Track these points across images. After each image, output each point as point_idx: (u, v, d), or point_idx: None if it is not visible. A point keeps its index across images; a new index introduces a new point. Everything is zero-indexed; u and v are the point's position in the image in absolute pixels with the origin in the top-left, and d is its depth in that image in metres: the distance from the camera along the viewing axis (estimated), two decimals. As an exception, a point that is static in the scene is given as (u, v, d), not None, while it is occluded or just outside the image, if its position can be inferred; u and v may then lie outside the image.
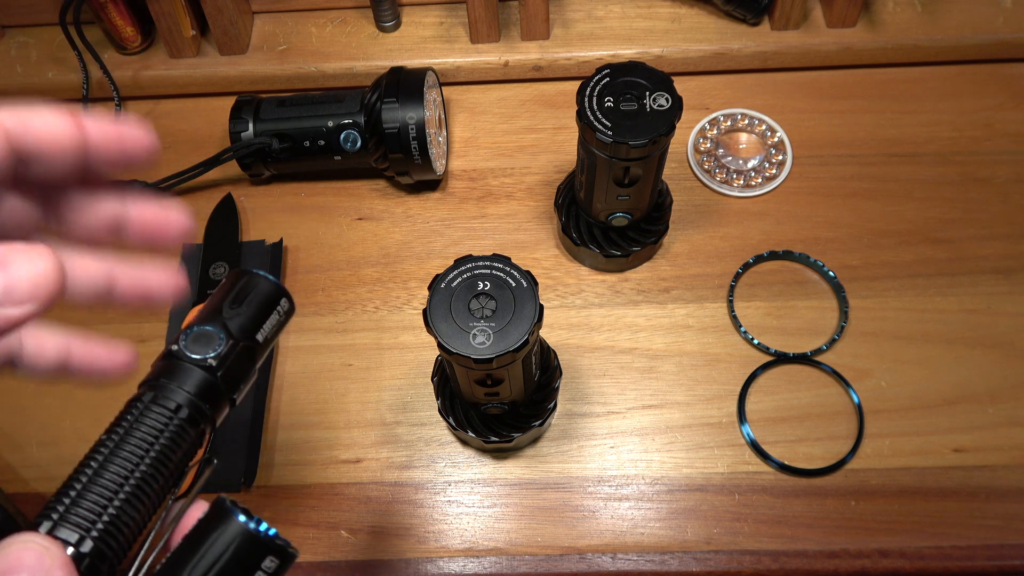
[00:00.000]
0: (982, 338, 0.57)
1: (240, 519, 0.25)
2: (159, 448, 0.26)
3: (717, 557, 0.51)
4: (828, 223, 0.62)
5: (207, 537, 0.25)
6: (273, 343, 0.30)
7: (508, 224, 0.63)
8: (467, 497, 0.53)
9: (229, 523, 0.25)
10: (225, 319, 0.29)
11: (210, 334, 0.28)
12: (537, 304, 0.43)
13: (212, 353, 0.28)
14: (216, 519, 0.26)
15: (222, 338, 0.28)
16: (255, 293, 0.30)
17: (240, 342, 0.28)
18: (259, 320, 0.29)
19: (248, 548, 0.25)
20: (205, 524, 0.26)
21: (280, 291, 0.30)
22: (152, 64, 0.69)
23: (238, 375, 0.28)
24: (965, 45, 0.67)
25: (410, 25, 0.70)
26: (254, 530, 0.25)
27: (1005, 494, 0.52)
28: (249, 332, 0.29)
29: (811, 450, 0.54)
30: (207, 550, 0.25)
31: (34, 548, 0.23)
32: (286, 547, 0.26)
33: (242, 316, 0.29)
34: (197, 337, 0.28)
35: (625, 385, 0.56)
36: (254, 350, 0.29)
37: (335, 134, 0.61)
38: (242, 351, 0.28)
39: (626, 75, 0.51)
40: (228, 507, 0.26)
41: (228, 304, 0.29)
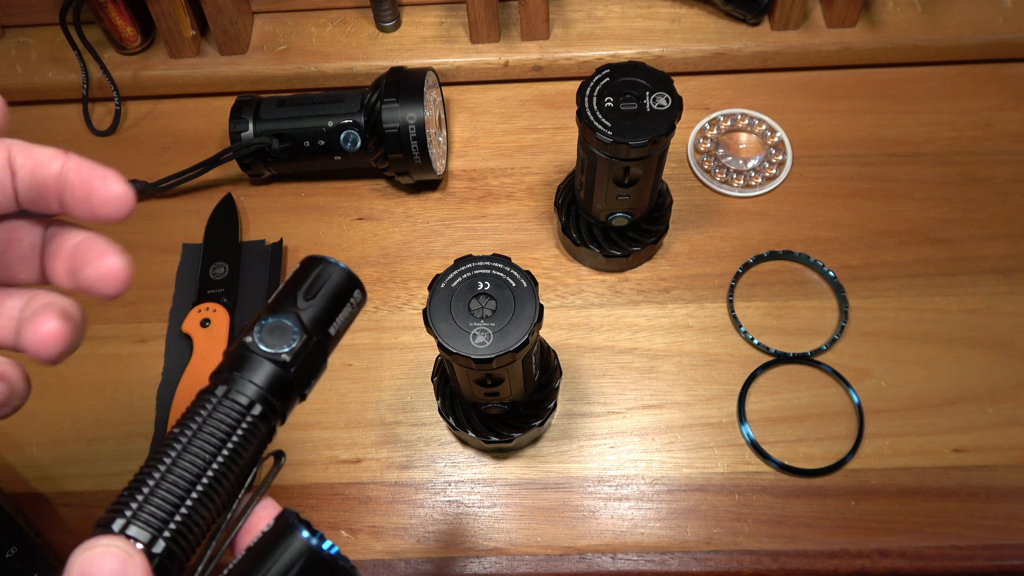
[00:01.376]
0: (982, 338, 0.57)
1: (304, 535, 0.25)
2: (232, 445, 0.26)
3: (717, 557, 0.51)
4: (828, 223, 0.62)
5: (272, 553, 0.25)
6: (343, 336, 0.29)
7: (508, 224, 0.63)
8: (467, 497, 0.53)
9: (293, 539, 0.25)
10: (299, 310, 0.28)
11: (285, 327, 0.27)
12: (537, 304, 0.43)
13: (286, 348, 0.27)
14: (280, 534, 0.25)
15: (296, 331, 0.27)
16: (329, 284, 0.28)
17: (314, 336, 0.28)
18: (333, 312, 0.28)
19: (312, 568, 0.25)
20: (269, 538, 0.25)
21: (354, 282, 0.29)
22: (152, 64, 0.69)
23: (310, 370, 0.28)
24: (965, 45, 0.67)
25: (410, 25, 0.70)
26: (317, 547, 0.25)
27: (1005, 494, 0.52)
28: (323, 325, 0.28)
29: (811, 450, 0.54)
30: (271, 566, 0.25)
31: (115, 553, 0.23)
32: (348, 568, 0.25)
33: (316, 308, 0.28)
34: (272, 329, 0.27)
35: (625, 385, 0.56)
36: (326, 344, 0.28)
37: (335, 134, 0.61)
38: (315, 345, 0.28)
39: (626, 75, 0.51)
40: (292, 522, 0.25)
41: (303, 294, 0.28)
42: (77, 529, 0.54)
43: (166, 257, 0.63)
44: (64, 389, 0.58)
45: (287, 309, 0.28)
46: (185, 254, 0.62)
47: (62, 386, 0.58)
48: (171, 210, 0.65)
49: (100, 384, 0.58)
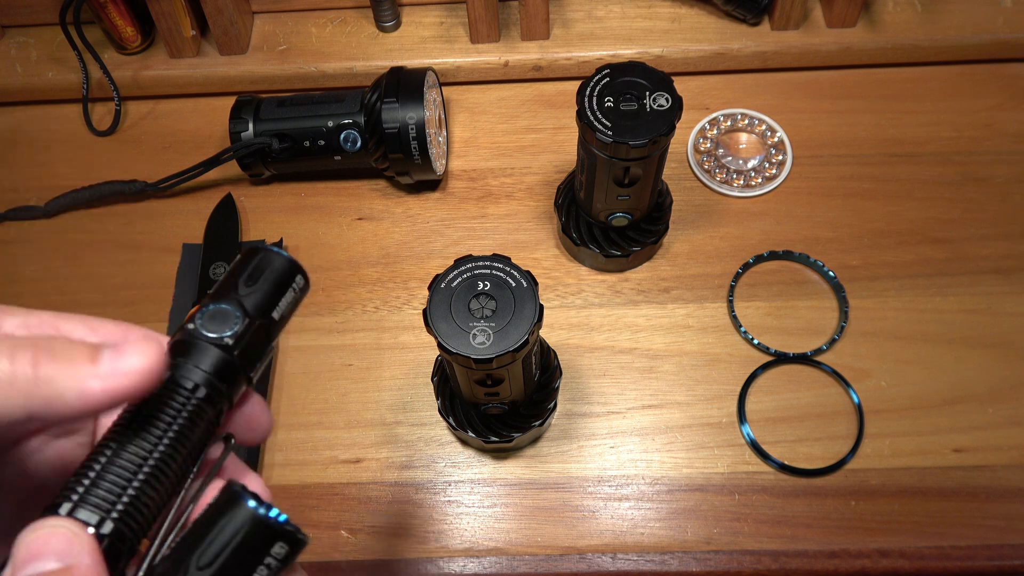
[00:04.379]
0: (982, 338, 0.57)
1: (250, 504, 0.25)
2: (177, 428, 0.26)
3: (717, 557, 0.51)
4: (828, 223, 0.62)
5: (216, 522, 0.25)
6: (288, 320, 0.30)
7: (508, 224, 0.63)
8: (467, 497, 0.53)
9: (238, 508, 0.25)
10: (240, 297, 0.28)
11: (226, 312, 0.28)
12: (537, 304, 0.43)
13: (228, 332, 0.27)
14: (226, 504, 0.25)
15: (238, 316, 0.28)
16: (270, 270, 0.29)
17: (256, 320, 0.28)
18: (275, 298, 0.29)
19: (257, 533, 0.25)
20: (215, 508, 0.25)
21: (295, 268, 0.30)
22: (152, 64, 0.69)
23: (255, 353, 0.28)
24: (965, 45, 0.67)
25: (410, 25, 0.70)
26: (263, 515, 0.25)
27: (1005, 494, 0.52)
28: (265, 310, 0.28)
29: (811, 450, 0.54)
30: (216, 535, 0.25)
31: (62, 532, 0.23)
32: (295, 533, 0.25)
33: (258, 293, 0.28)
34: (213, 316, 0.28)
35: (625, 385, 0.56)
36: (270, 328, 0.29)
37: (335, 134, 0.61)
38: (258, 329, 0.28)
39: (626, 75, 0.51)
40: (238, 491, 0.25)
41: (243, 281, 0.28)
42: (77, 529, 0.54)
43: (166, 257, 0.63)
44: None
45: (229, 296, 0.28)
46: (185, 254, 0.63)
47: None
48: (171, 210, 0.65)
49: (100, 384, 0.58)
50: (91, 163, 0.68)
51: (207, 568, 0.24)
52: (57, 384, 0.23)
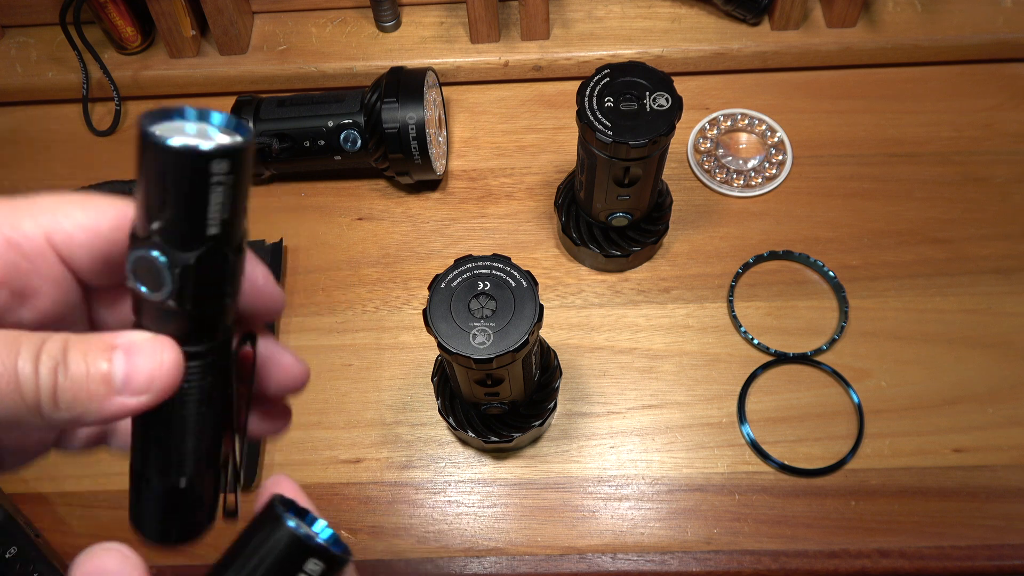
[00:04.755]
0: (982, 338, 0.57)
1: (287, 522, 0.25)
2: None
3: (717, 557, 0.51)
4: (828, 223, 0.62)
5: (252, 536, 0.25)
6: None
7: (508, 224, 0.63)
8: (467, 497, 0.53)
9: (275, 524, 0.25)
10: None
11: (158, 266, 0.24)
12: (537, 304, 0.43)
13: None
14: (265, 517, 0.25)
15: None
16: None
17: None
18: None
19: (295, 552, 0.25)
20: (257, 523, 0.25)
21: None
22: (152, 64, 0.69)
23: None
24: (965, 45, 0.67)
25: (410, 25, 0.70)
26: (296, 530, 0.25)
27: (1005, 494, 0.52)
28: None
29: (811, 450, 0.54)
30: (254, 550, 0.25)
31: (115, 554, 0.24)
32: (330, 551, 0.25)
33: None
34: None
35: (625, 385, 0.56)
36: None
37: (335, 134, 0.61)
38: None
39: (626, 75, 0.51)
40: (279, 512, 0.25)
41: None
42: (77, 529, 0.54)
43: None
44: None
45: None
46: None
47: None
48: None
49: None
50: (91, 163, 0.68)
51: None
52: (77, 412, 0.24)
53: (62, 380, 0.23)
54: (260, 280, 0.27)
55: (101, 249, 0.25)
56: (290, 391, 0.29)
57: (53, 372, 0.23)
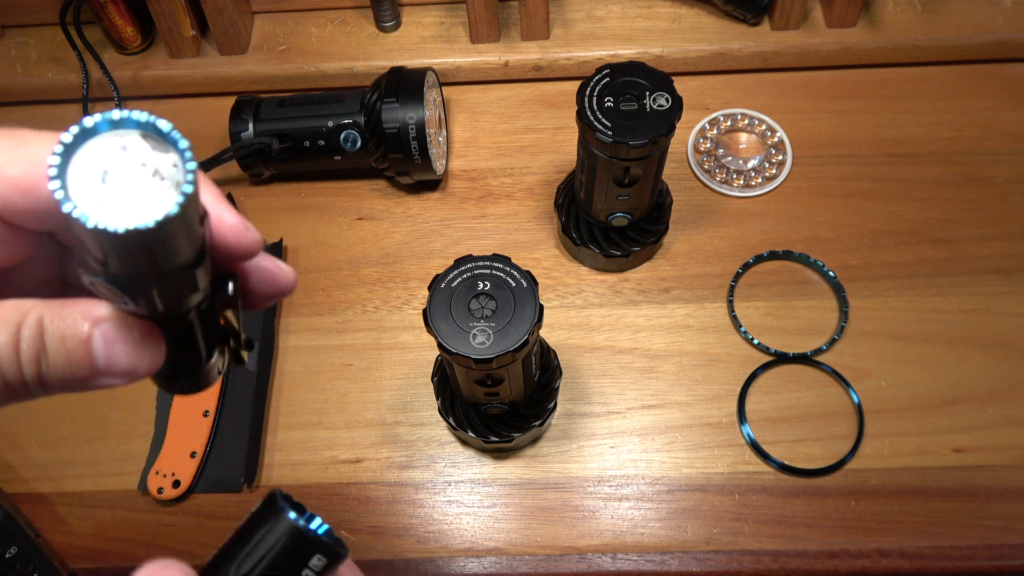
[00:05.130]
0: (982, 338, 0.57)
1: (290, 516, 0.25)
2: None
3: (717, 557, 0.51)
4: (828, 223, 0.62)
5: (257, 531, 0.25)
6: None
7: (508, 224, 0.63)
8: (467, 497, 0.53)
9: (279, 519, 0.25)
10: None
11: None
12: (537, 304, 0.43)
13: None
14: (267, 514, 0.25)
15: None
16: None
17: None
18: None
19: (296, 545, 0.25)
20: (256, 518, 0.25)
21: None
22: (152, 64, 0.69)
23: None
24: (965, 45, 0.67)
25: (410, 25, 0.70)
26: (303, 528, 0.25)
27: (1005, 494, 0.52)
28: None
29: (811, 450, 0.54)
30: (256, 544, 0.25)
31: (175, 569, 0.24)
32: (335, 546, 0.25)
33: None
34: None
35: (625, 385, 0.56)
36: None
37: (335, 134, 0.61)
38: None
39: (626, 75, 0.51)
40: (280, 504, 0.25)
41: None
42: (77, 529, 0.54)
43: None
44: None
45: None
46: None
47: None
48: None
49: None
50: (91, 163, 0.68)
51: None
52: (62, 391, 0.24)
53: (45, 368, 0.23)
54: (228, 223, 0.25)
55: (38, 194, 0.23)
56: (279, 297, 0.28)
57: (35, 361, 0.23)
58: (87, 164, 0.20)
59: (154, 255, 0.21)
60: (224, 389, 0.56)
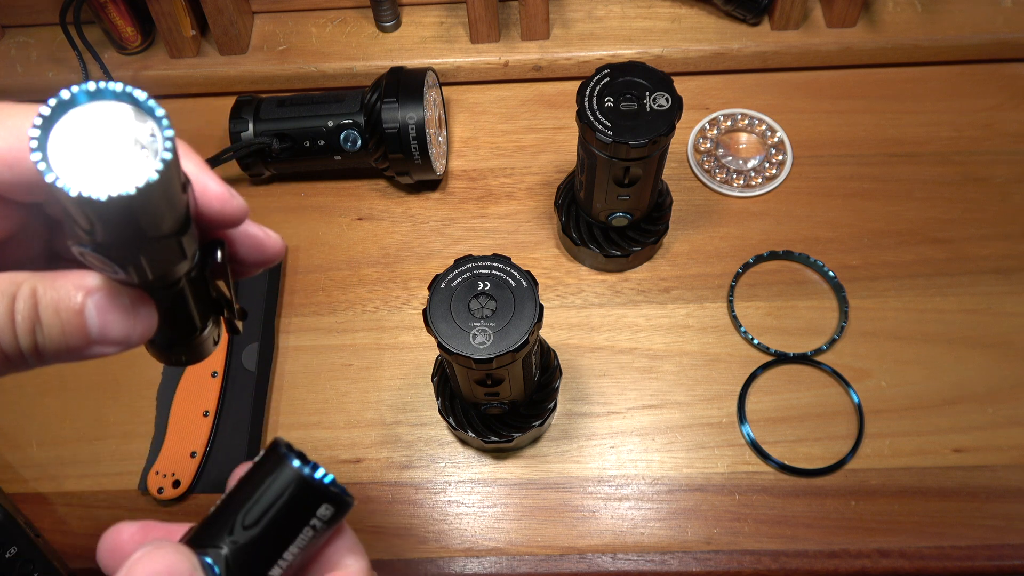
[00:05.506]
0: (982, 338, 0.57)
1: (294, 464, 0.25)
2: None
3: (717, 557, 0.51)
4: (828, 223, 0.62)
5: (262, 481, 0.24)
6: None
7: (508, 224, 0.63)
8: (467, 497, 0.53)
9: (283, 468, 0.24)
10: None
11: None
12: (537, 304, 0.43)
13: None
14: (271, 463, 0.25)
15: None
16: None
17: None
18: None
19: (302, 495, 0.24)
20: (260, 467, 0.25)
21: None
22: (152, 64, 0.69)
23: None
24: (965, 45, 0.67)
25: (410, 25, 0.70)
26: (308, 476, 0.24)
27: (1005, 494, 0.52)
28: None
29: (811, 450, 0.54)
30: (262, 494, 0.24)
31: (170, 552, 0.24)
32: (341, 495, 0.25)
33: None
34: None
35: (625, 385, 0.56)
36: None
37: (335, 134, 0.61)
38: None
39: (626, 75, 0.51)
40: (283, 452, 0.25)
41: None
42: (77, 529, 0.54)
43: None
44: (64, 389, 0.58)
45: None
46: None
47: (62, 386, 0.58)
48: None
49: (100, 384, 0.58)
50: (91, 163, 0.68)
51: (252, 527, 0.24)
52: (56, 354, 0.24)
53: (41, 339, 0.23)
54: (212, 191, 0.26)
55: (22, 166, 0.24)
56: (267, 265, 0.29)
57: (31, 332, 0.23)
58: (67, 135, 0.21)
59: (138, 222, 0.21)
60: (224, 389, 0.56)
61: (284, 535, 0.24)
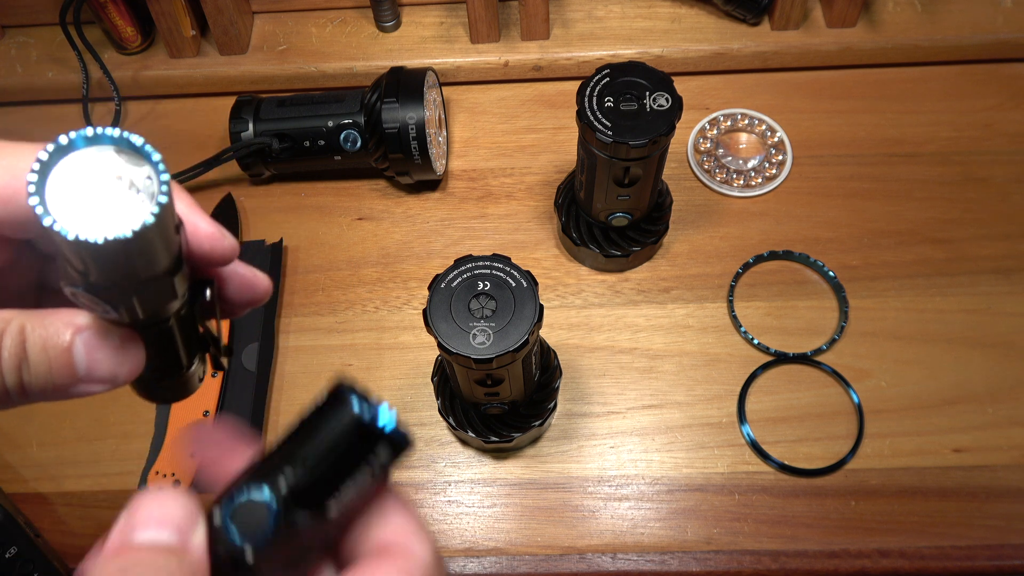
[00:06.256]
0: (982, 338, 0.57)
1: (355, 408, 0.24)
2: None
3: (717, 557, 0.51)
4: (828, 223, 0.62)
5: (322, 421, 0.24)
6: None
7: (508, 224, 0.63)
8: (467, 497, 0.53)
9: (344, 409, 0.24)
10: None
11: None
12: (537, 304, 0.43)
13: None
14: (332, 403, 0.24)
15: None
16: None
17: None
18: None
19: (362, 435, 0.24)
20: (322, 408, 0.25)
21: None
22: (152, 64, 0.69)
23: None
24: (965, 45, 0.67)
25: (410, 25, 0.70)
26: (368, 419, 0.24)
27: (1005, 494, 0.52)
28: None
29: (811, 450, 0.54)
30: (322, 434, 0.24)
31: (180, 503, 0.24)
32: (403, 438, 0.24)
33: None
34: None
35: (625, 385, 0.56)
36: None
37: (335, 134, 0.61)
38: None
39: (626, 75, 0.51)
40: (345, 391, 0.24)
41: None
42: (77, 529, 0.54)
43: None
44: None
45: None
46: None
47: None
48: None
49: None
50: (91, 163, 0.68)
51: (312, 467, 0.24)
52: (42, 392, 0.24)
53: (27, 376, 0.23)
54: (203, 231, 0.26)
55: (16, 204, 0.24)
56: (255, 304, 0.29)
57: (17, 369, 0.23)
58: (64, 179, 0.21)
59: (132, 264, 0.22)
60: (224, 389, 0.56)
61: (340, 469, 0.24)
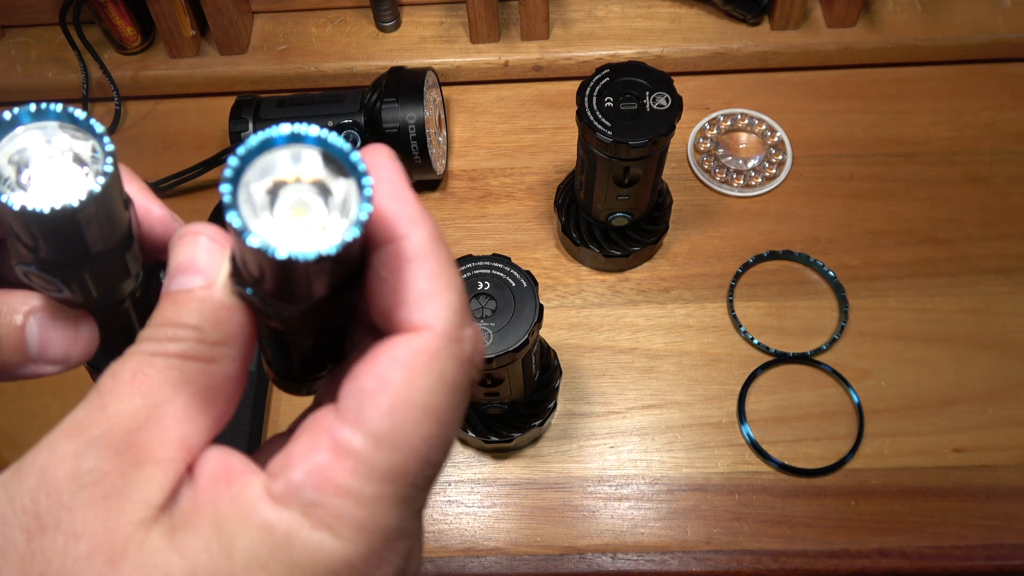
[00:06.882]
0: (982, 338, 0.57)
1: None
2: None
3: (717, 557, 0.51)
4: (828, 223, 0.62)
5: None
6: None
7: (508, 224, 0.63)
8: (467, 497, 0.53)
9: None
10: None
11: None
12: (537, 304, 0.43)
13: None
14: None
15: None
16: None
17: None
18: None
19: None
20: None
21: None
22: (152, 64, 0.69)
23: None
24: (965, 45, 0.67)
25: (410, 25, 0.70)
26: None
27: (1005, 494, 0.52)
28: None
29: (811, 450, 0.54)
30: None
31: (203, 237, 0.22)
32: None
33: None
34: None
35: (625, 385, 0.56)
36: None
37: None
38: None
39: (626, 75, 0.51)
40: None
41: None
42: (77, 529, 0.54)
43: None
44: (64, 389, 0.58)
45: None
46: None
47: (62, 386, 0.58)
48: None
49: (100, 384, 0.58)
50: (91, 163, 0.68)
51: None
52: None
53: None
54: (155, 214, 0.26)
55: None
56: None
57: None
58: (10, 155, 0.21)
59: (81, 236, 0.22)
60: (224, 389, 0.56)
61: None
